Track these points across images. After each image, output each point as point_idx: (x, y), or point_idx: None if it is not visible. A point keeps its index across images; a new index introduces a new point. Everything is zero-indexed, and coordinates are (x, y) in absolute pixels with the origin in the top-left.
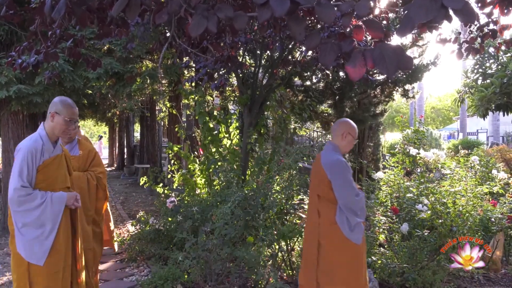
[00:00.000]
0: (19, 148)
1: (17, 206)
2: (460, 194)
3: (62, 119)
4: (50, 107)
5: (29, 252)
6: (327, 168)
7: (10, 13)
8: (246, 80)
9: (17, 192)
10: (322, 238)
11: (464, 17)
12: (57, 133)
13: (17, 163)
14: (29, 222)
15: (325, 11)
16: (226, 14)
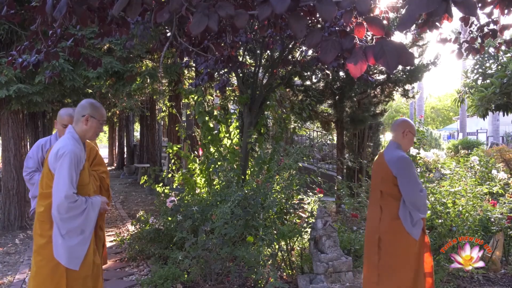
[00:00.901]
0: (62, 153)
1: (65, 212)
2: (460, 194)
3: (96, 122)
4: (81, 110)
5: (69, 258)
6: (392, 164)
7: (11, 13)
8: (246, 80)
9: (68, 198)
10: (383, 233)
11: (465, 9)
12: (89, 136)
13: (65, 169)
14: (73, 229)
15: (326, 8)
16: (227, 12)
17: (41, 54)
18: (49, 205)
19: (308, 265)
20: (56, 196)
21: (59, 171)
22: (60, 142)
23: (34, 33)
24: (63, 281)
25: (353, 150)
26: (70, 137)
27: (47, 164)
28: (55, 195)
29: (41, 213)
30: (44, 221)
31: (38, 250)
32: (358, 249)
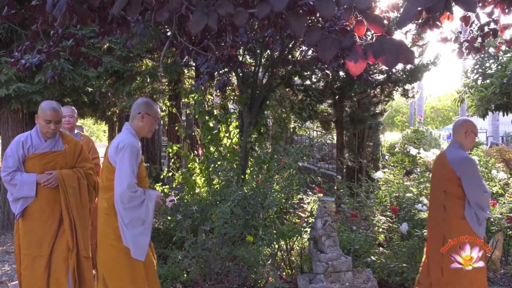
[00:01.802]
0: (122, 146)
1: (128, 202)
2: None
3: (151, 119)
4: (136, 108)
5: (135, 248)
6: (455, 165)
7: (11, 13)
8: (246, 79)
9: (130, 188)
10: (447, 232)
11: (465, 6)
12: (145, 133)
13: (126, 160)
14: (135, 218)
15: (325, 6)
16: (227, 10)
17: (42, 54)
18: (112, 198)
19: (308, 264)
20: (118, 186)
21: (121, 163)
22: (119, 137)
23: (35, 33)
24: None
25: (353, 150)
26: (128, 132)
27: (107, 157)
28: (117, 185)
29: (105, 207)
30: (109, 214)
31: (111, 243)
32: (357, 249)
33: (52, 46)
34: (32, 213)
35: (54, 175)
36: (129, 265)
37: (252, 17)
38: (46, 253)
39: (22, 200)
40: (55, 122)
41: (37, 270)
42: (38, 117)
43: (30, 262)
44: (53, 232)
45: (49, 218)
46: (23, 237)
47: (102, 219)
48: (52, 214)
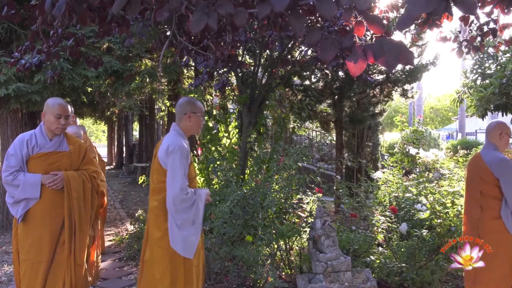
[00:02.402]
0: (173, 148)
1: (180, 204)
2: (458, 194)
3: (198, 116)
4: (181, 109)
5: (185, 247)
6: (493, 166)
7: (11, 13)
8: (246, 79)
9: (183, 190)
10: (482, 232)
11: (465, 8)
12: (194, 131)
13: (177, 163)
14: (186, 219)
15: (325, 7)
16: (227, 10)
17: (42, 54)
18: (162, 199)
19: (307, 264)
20: (171, 189)
21: (172, 165)
22: (168, 139)
23: (35, 33)
24: (181, 269)
25: (352, 150)
26: (176, 133)
27: (158, 160)
28: (170, 188)
29: (155, 207)
30: (159, 214)
31: (157, 243)
32: (357, 249)
33: (52, 46)
34: (33, 216)
35: (60, 176)
36: (172, 266)
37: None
38: (46, 259)
39: (24, 202)
40: (65, 117)
41: (36, 276)
42: (45, 113)
43: (29, 268)
44: (55, 237)
45: (52, 222)
46: (23, 241)
47: (151, 219)
48: (55, 218)
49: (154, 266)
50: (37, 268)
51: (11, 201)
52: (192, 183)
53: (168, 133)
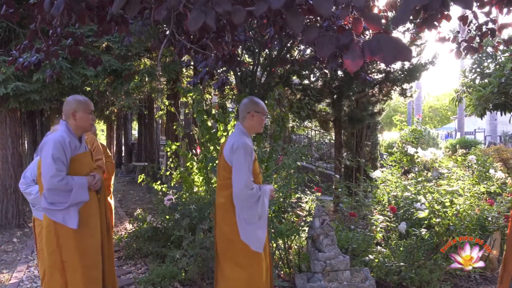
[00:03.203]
0: (237, 146)
1: (246, 200)
2: (457, 193)
3: (260, 116)
4: (247, 107)
5: (254, 241)
6: None
7: (9, 12)
8: (245, 79)
9: (248, 187)
10: None
11: (461, 3)
12: (256, 130)
13: (242, 160)
14: (253, 214)
15: (323, 4)
16: (224, 8)
17: (41, 53)
18: (229, 195)
19: (306, 263)
20: (236, 185)
21: (237, 162)
22: (233, 137)
23: (34, 32)
24: (252, 260)
25: (351, 149)
26: (240, 132)
27: (223, 157)
28: (235, 185)
29: (223, 203)
30: (227, 209)
31: (227, 237)
32: (355, 248)
33: (51, 45)
34: (81, 219)
35: (98, 177)
36: (246, 258)
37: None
38: (99, 261)
39: (76, 206)
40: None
41: (97, 281)
42: (76, 111)
43: (87, 273)
44: (101, 238)
45: (96, 223)
46: (76, 247)
47: (220, 214)
48: (97, 219)
49: (226, 259)
50: (96, 271)
51: (59, 207)
52: (257, 179)
53: (233, 132)
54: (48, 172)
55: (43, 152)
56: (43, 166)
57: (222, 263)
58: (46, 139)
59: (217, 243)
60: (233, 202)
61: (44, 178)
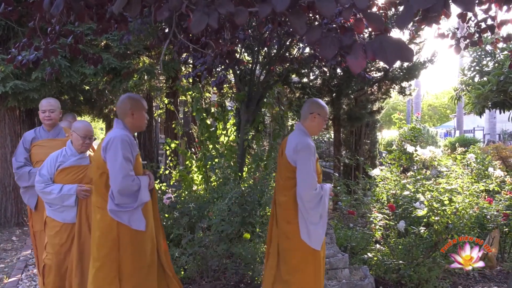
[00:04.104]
0: (301, 147)
1: (310, 200)
2: (456, 191)
3: (322, 119)
4: (308, 108)
5: (315, 240)
6: None
7: (8, 10)
8: (244, 77)
9: (313, 187)
10: None
11: (463, 6)
12: (315, 132)
13: (306, 161)
14: (315, 214)
15: (325, 5)
16: (227, 9)
17: (40, 51)
18: (292, 194)
19: None
20: (302, 186)
21: (302, 163)
22: (295, 138)
23: (33, 30)
24: (311, 259)
25: (350, 148)
26: (302, 132)
27: (286, 157)
28: (301, 185)
29: (285, 202)
30: (288, 208)
31: (287, 235)
32: (354, 246)
33: (50, 43)
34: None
35: (152, 176)
36: (304, 256)
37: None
38: (155, 261)
39: (141, 207)
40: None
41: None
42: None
43: (146, 273)
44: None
45: (152, 224)
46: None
47: (280, 213)
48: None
49: (285, 261)
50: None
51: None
52: (319, 179)
53: (293, 131)
54: (120, 173)
55: (111, 152)
56: (113, 166)
57: (280, 265)
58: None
59: (272, 242)
60: (296, 201)
61: (115, 179)
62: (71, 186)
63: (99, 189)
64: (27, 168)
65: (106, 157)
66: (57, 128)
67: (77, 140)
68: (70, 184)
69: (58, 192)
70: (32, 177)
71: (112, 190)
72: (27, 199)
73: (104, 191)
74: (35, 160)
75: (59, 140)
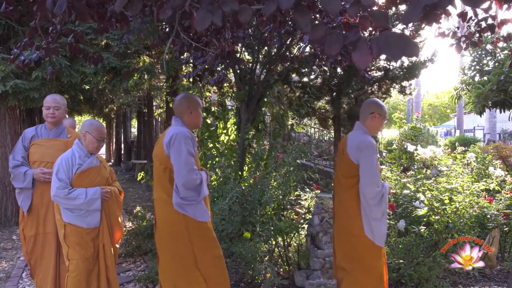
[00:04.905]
0: (364, 145)
1: (374, 197)
2: (456, 191)
3: (382, 119)
4: (370, 108)
5: (378, 236)
6: None
7: (9, 9)
8: (244, 76)
9: (377, 185)
10: None
11: (470, 3)
12: (374, 132)
13: (370, 158)
14: (379, 211)
15: (330, 3)
16: (232, 7)
17: (41, 51)
18: (354, 192)
19: (305, 261)
20: (366, 184)
21: (366, 161)
22: (357, 136)
23: (34, 29)
24: (377, 255)
25: None
26: (362, 131)
27: (347, 155)
28: (365, 183)
29: (347, 200)
30: (352, 206)
31: (351, 233)
32: None
33: (51, 42)
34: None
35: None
36: (369, 253)
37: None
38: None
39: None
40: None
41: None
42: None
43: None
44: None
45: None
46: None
47: (342, 210)
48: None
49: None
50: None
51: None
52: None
53: (352, 130)
54: (186, 167)
55: (175, 147)
56: (177, 161)
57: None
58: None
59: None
60: (358, 199)
61: (181, 173)
62: (95, 189)
63: (163, 183)
64: (23, 169)
65: (170, 153)
66: (60, 127)
67: (92, 142)
68: (92, 188)
69: (85, 197)
70: (28, 179)
71: (176, 184)
72: (21, 201)
73: (168, 185)
74: (32, 160)
75: (60, 140)
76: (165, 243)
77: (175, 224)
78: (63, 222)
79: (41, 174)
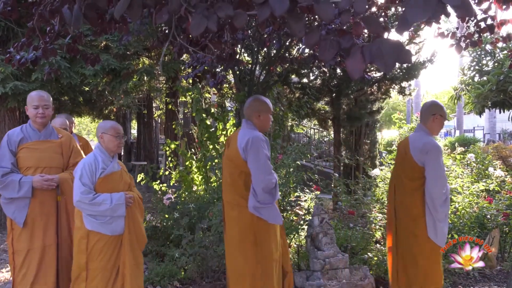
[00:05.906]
0: (430, 147)
1: (440, 199)
2: (456, 191)
3: (443, 119)
4: (431, 109)
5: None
6: None
7: (8, 10)
8: (243, 77)
9: (444, 187)
10: None
11: (462, 12)
12: (435, 133)
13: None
14: (444, 212)
15: (324, 9)
16: (226, 13)
17: (38, 51)
18: (419, 194)
19: (305, 262)
20: (433, 186)
21: (432, 163)
22: (420, 138)
23: (32, 30)
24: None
25: (350, 148)
26: (424, 133)
27: (411, 158)
28: (432, 185)
29: (411, 202)
30: (417, 207)
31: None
32: (354, 246)
33: (49, 42)
34: None
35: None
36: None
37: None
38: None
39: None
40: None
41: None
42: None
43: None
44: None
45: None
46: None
47: (406, 212)
48: None
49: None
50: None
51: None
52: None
53: (414, 132)
54: (264, 171)
55: (253, 151)
56: (256, 165)
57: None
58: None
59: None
60: (423, 200)
61: (260, 178)
62: (119, 195)
63: (237, 186)
64: (16, 176)
65: (248, 157)
66: (48, 127)
67: (111, 141)
68: (117, 193)
69: (110, 203)
70: (26, 187)
71: (254, 188)
72: (13, 213)
73: (242, 188)
74: (24, 165)
75: (53, 142)
76: (232, 243)
77: (246, 227)
78: (86, 230)
79: (44, 181)
